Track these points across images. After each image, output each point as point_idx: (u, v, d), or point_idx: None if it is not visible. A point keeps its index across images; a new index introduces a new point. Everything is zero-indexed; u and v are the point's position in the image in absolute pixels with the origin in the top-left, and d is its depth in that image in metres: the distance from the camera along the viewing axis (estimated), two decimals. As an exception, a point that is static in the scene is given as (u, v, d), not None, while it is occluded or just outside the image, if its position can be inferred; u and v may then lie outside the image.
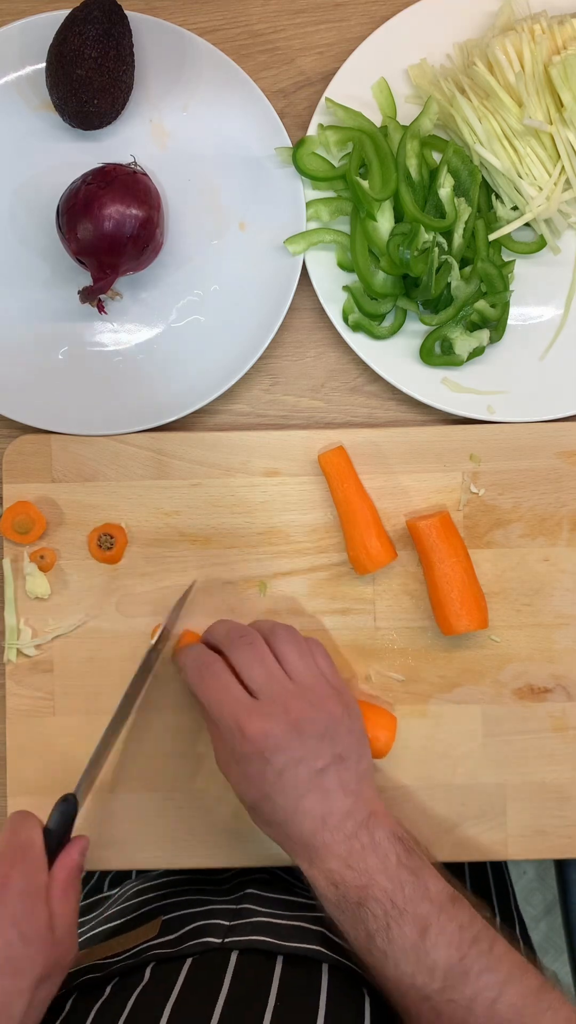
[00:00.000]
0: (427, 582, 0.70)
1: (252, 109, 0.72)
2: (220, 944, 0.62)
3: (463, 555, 0.70)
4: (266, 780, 0.58)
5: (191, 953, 0.62)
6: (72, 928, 0.59)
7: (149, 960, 0.62)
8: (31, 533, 0.71)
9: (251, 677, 0.61)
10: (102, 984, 0.62)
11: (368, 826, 0.58)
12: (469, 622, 0.69)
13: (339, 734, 0.60)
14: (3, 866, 0.57)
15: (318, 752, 0.59)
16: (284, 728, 0.58)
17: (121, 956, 0.64)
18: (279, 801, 0.58)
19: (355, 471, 0.71)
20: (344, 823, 0.58)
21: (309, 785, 0.58)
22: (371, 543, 0.69)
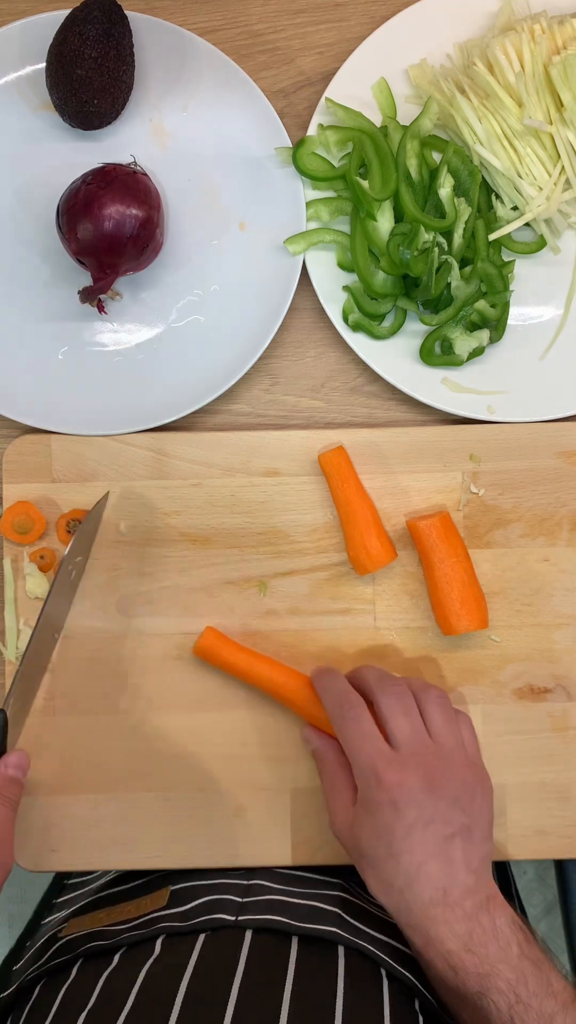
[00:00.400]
0: (427, 582, 0.70)
1: (252, 109, 0.72)
2: (234, 922, 0.61)
3: (463, 555, 0.70)
4: (394, 836, 0.57)
5: (203, 929, 0.61)
6: (5, 837, 0.60)
7: (159, 932, 0.61)
8: (31, 533, 0.71)
9: (396, 726, 0.60)
10: (110, 952, 0.61)
11: (488, 909, 0.57)
12: (469, 622, 0.69)
13: (471, 805, 0.59)
14: None
15: (449, 817, 0.58)
16: (420, 784, 0.58)
17: (128, 924, 0.63)
18: (403, 860, 0.57)
19: (355, 471, 0.71)
20: (464, 900, 0.56)
21: (435, 850, 0.57)
22: (371, 543, 0.69)
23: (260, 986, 0.55)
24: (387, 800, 0.57)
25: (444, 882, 0.57)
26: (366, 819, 0.58)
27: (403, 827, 0.57)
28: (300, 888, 0.67)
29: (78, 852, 0.71)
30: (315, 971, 0.57)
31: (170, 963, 0.58)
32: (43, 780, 0.71)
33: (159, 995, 0.55)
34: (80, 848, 0.71)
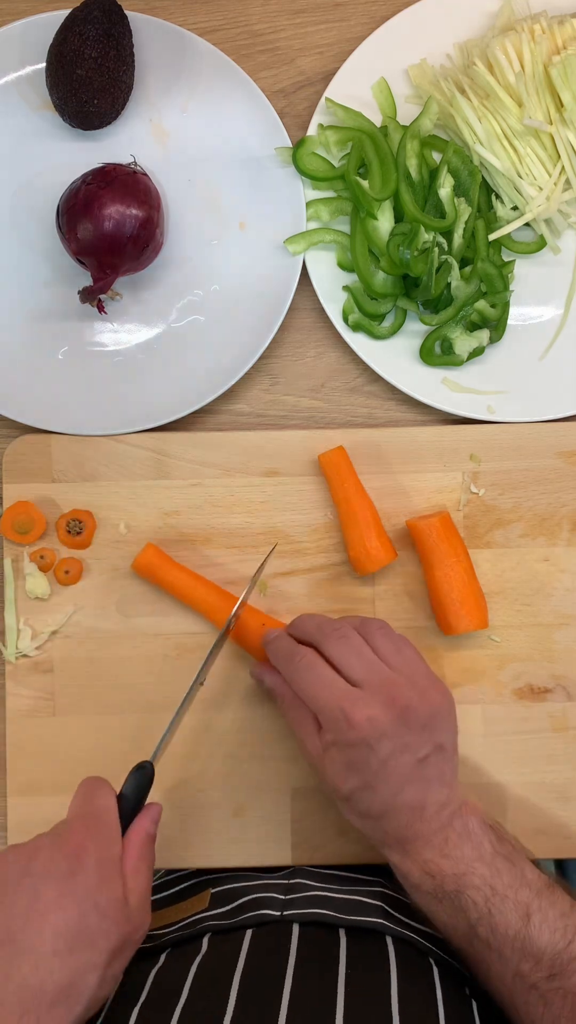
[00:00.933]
0: (427, 582, 0.70)
1: (252, 109, 0.72)
2: (279, 916, 0.61)
3: (463, 555, 0.70)
4: (369, 768, 0.57)
5: (249, 924, 0.61)
6: (145, 901, 0.56)
7: (205, 931, 0.61)
8: (31, 533, 0.71)
9: (350, 666, 0.60)
10: (155, 953, 0.61)
11: (462, 815, 0.58)
12: (469, 622, 0.69)
13: (440, 723, 0.60)
14: (78, 835, 0.55)
15: (421, 741, 0.58)
16: (391, 716, 0.57)
17: (172, 927, 0.63)
18: (380, 791, 0.57)
19: (355, 471, 0.71)
20: (440, 813, 0.58)
21: (411, 775, 0.58)
22: (371, 543, 0.69)
23: (314, 977, 0.55)
24: (359, 738, 0.57)
25: (420, 801, 0.58)
26: (338, 756, 0.58)
27: (378, 760, 0.57)
28: (341, 885, 0.67)
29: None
30: (367, 960, 0.57)
31: (220, 957, 0.58)
32: (43, 780, 0.71)
33: (213, 988, 0.55)
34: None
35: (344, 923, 0.61)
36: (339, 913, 0.62)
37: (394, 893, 0.66)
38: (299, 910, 0.62)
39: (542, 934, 0.54)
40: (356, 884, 0.67)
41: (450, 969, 0.59)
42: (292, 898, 0.64)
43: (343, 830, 0.70)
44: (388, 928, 0.60)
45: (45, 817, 0.70)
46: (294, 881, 0.67)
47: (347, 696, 0.58)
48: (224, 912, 0.63)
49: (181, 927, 0.63)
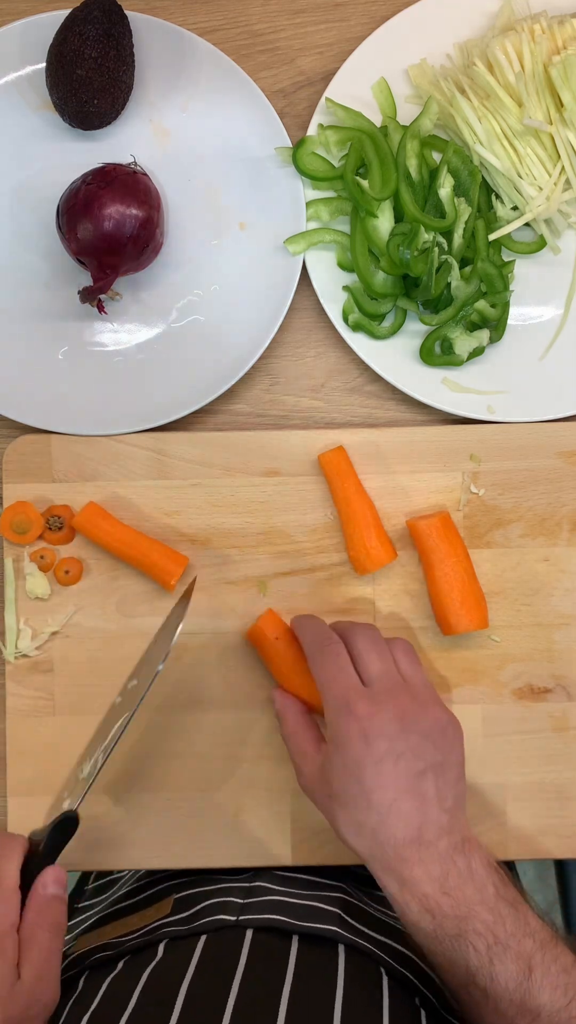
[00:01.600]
0: (427, 582, 0.70)
1: (252, 109, 0.72)
2: (235, 922, 0.61)
3: (463, 555, 0.70)
4: (365, 770, 0.56)
5: (205, 930, 0.60)
6: (47, 971, 0.53)
7: (162, 938, 0.61)
8: (29, 533, 0.71)
9: (369, 662, 0.60)
10: (114, 961, 0.61)
11: (464, 851, 0.55)
12: (469, 622, 0.69)
13: (442, 741, 0.59)
14: None
15: (420, 752, 0.57)
16: (391, 716, 0.57)
17: (133, 935, 0.63)
18: (375, 797, 0.56)
19: (355, 471, 0.71)
20: (439, 840, 0.55)
21: (407, 786, 0.56)
22: (371, 543, 0.69)
23: (259, 984, 0.54)
24: (358, 732, 0.57)
25: (418, 820, 0.55)
26: (336, 755, 0.58)
27: (373, 760, 0.56)
28: (301, 890, 0.66)
29: (77, 853, 0.70)
30: (314, 968, 0.57)
31: (171, 964, 0.58)
32: (42, 780, 0.71)
33: (160, 995, 0.54)
34: (79, 849, 0.70)
35: (298, 929, 0.60)
36: (294, 920, 0.61)
37: (355, 901, 0.66)
38: (255, 915, 0.62)
39: (543, 990, 0.52)
40: (317, 889, 0.66)
41: (402, 980, 0.59)
42: (250, 902, 0.64)
43: (343, 830, 0.70)
44: (341, 936, 0.60)
45: (45, 817, 0.70)
46: (255, 884, 0.67)
47: (356, 689, 0.59)
48: (182, 918, 0.63)
49: (141, 934, 0.63)
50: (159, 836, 0.71)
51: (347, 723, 0.57)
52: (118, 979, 0.58)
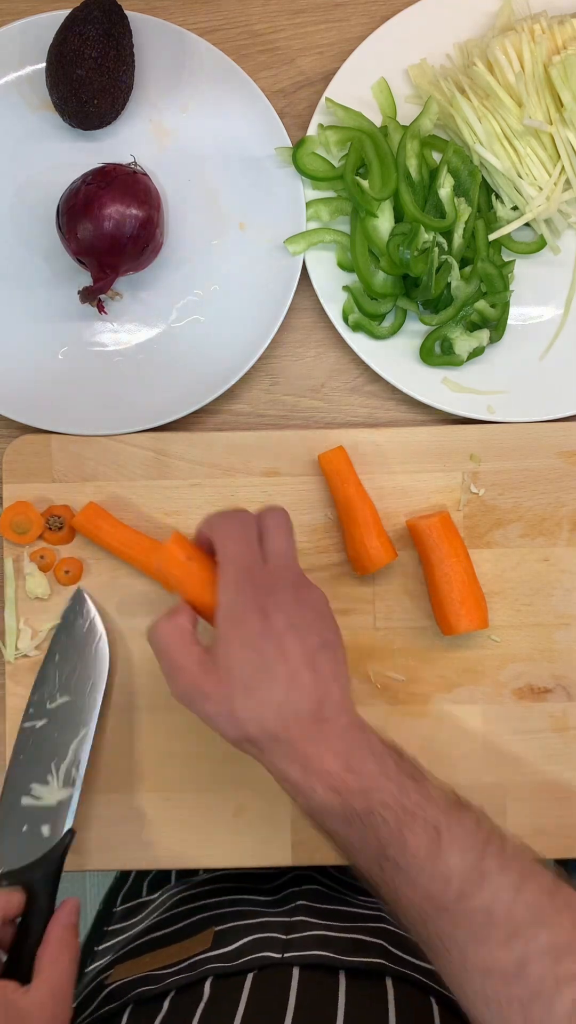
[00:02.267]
0: (427, 582, 0.70)
1: (252, 109, 0.72)
2: (280, 959, 0.61)
3: (463, 555, 0.70)
4: (267, 643, 0.55)
5: (250, 968, 0.61)
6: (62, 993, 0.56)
7: (207, 974, 0.61)
8: (29, 533, 0.71)
9: (274, 538, 0.59)
10: (159, 998, 0.61)
11: (361, 727, 0.56)
12: (469, 622, 0.68)
13: (330, 620, 0.58)
14: None
15: (315, 627, 0.56)
16: (288, 592, 0.56)
17: (175, 968, 0.63)
18: (278, 670, 0.54)
19: (355, 471, 0.70)
20: (339, 718, 0.55)
21: (305, 660, 0.55)
22: (371, 543, 0.69)
23: (312, 1021, 0.55)
24: (256, 606, 0.55)
25: (318, 695, 0.55)
26: (233, 632, 0.55)
27: (274, 633, 0.55)
28: (342, 922, 0.67)
29: (77, 853, 0.70)
30: (364, 1003, 0.57)
31: (221, 1006, 0.58)
32: (43, 780, 0.71)
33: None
34: (79, 849, 0.70)
35: (344, 965, 0.60)
36: (339, 955, 0.61)
37: (395, 929, 0.66)
38: (300, 952, 0.62)
39: (452, 853, 0.51)
40: (358, 920, 0.67)
41: (452, 1006, 0.58)
42: (292, 938, 0.64)
43: (343, 830, 0.70)
44: (388, 968, 0.60)
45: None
46: (296, 919, 0.67)
47: (257, 562, 0.57)
48: (226, 954, 0.63)
49: (183, 968, 0.63)
50: (159, 836, 0.71)
51: (245, 596, 0.56)
52: (167, 1020, 0.58)
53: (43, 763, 0.66)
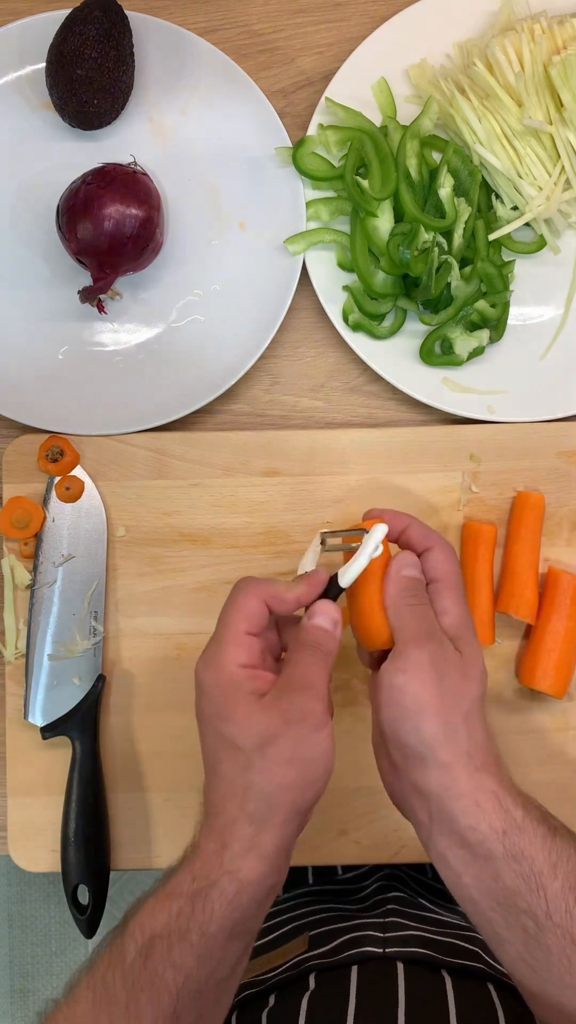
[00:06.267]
0: (532, 629, 0.69)
1: (252, 109, 0.72)
2: (382, 953, 0.61)
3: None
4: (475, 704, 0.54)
5: (353, 962, 0.61)
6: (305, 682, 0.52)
7: (309, 971, 0.61)
8: (30, 527, 0.70)
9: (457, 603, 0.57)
10: (262, 996, 0.61)
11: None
12: (550, 685, 0.68)
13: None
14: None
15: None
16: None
17: (275, 970, 0.63)
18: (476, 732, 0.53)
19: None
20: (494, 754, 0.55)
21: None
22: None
23: (425, 1013, 0.55)
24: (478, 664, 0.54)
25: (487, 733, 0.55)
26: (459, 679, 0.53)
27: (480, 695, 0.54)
28: (435, 927, 0.67)
29: (78, 852, 0.71)
30: (474, 1003, 0.57)
31: (331, 993, 0.58)
32: (43, 779, 0.70)
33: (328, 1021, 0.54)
34: (80, 848, 0.71)
35: (446, 964, 0.61)
36: (440, 955, 0.62)
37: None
38: (400, 948, 0.62)
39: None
40: (448, 927, 0.67)
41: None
42: (390, 936, 0.64)
43: (344, 830, 0.70)
44: (487, 973, 0.61)
45: (45, 817, 0.70)
46: (389, 920, 0.67)
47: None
48: (325, 951, 0.63)
49: (284, 969, 0.63)
50: (159, 836, 0.71)
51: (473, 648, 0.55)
52: (276, 1011, 0.58)
53: (61, 621, 0.70)
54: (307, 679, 0.52)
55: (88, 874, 0.67)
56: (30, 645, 0.70)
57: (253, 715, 0.50)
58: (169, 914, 0.49)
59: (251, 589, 0.55)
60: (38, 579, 0.70)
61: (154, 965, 0.48)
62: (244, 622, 0.54)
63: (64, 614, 0.70)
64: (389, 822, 0.69)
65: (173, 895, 0.50)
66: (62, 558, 0.70)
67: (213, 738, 0.52)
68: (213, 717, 0.52)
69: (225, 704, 0.51)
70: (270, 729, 0.50)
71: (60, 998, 0.50)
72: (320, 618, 0.55)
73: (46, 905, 1.50)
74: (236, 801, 0.50)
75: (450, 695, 0.52)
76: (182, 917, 0.49)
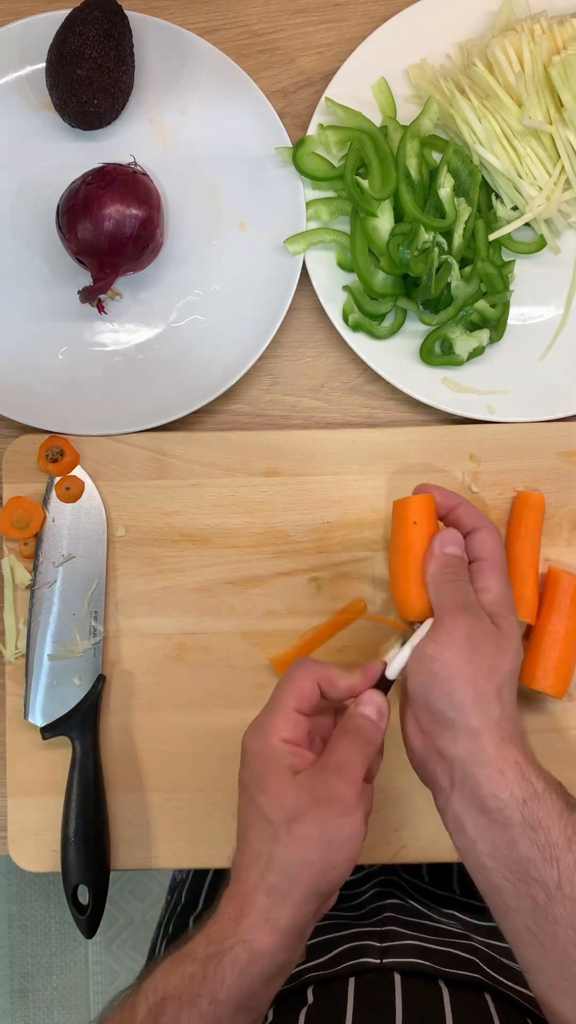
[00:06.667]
0: (533, 629, 0.69)
1: (252, 109, 0.72)
2: (379, 964, 0.62)
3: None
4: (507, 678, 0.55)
5: (351, 973, 0.61)
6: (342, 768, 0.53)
7: (307, 983, 0.61)
8: (30, 527, 0.71)
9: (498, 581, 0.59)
10: None
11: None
12: (550, 685, 0.67)
13: None
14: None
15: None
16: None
17: None
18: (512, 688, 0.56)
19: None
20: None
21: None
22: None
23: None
24: (514, 640, 0.56)
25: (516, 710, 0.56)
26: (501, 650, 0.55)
27: (513, 670, 0.55)
28: (432, 935, 0.67)
29: (78, 852, 0.71)
30: (471, 1014, 0.58)
31: (328, 1007, 0.58)
32: (43, 779, 0.71)
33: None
34: (80, 848, 0.71)
35: (444, 975, 0.61)
36: (437, 965, 0.62)
37: (485, 948, 0.67)
38: (397, 959, 0.63)
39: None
40: (446, 935, 0.67)
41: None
42: (387, 946, 0.65)
43: (343, 830, 0.70)
44: (485, 984, 0.61)
45: (45, 817, 0.70)
46: (387, 929, 0.67)
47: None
48: (323, 962, 0.64)
49: None
50: (159, 836, 0.71)
51: (509, 622, 0.57)
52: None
53: (61, 621, 0.70)
54: (343, 763, 0.53)
55: (88, 874, 0.67)
56: (30, 645, 0.70)
57: (286, 790, 0.52)
58: (182, 977, 0.50)
59: (307, 670, 0.56)
60: (38, 579, 0.70)
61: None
62: (295, 699, 0.55)
63: (64, 614, 0.70)
64: (389, 822, 0.69)
65: (187, 958, 0.51)
66: (62, 558, 0.70)
67: (247, 805, 0.54)
68: (250, 785, 0.54)
69: (263, 774, 0.53)
70: (299, 806, 0.51)
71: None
72: (366, 708, 0.56)
73: (46, 905, 1.50)
74: (258, 871, 0.51)
75: (484, 665, 0.54)
76: (194, 981, 0.49)
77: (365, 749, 0.55)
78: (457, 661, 0.54)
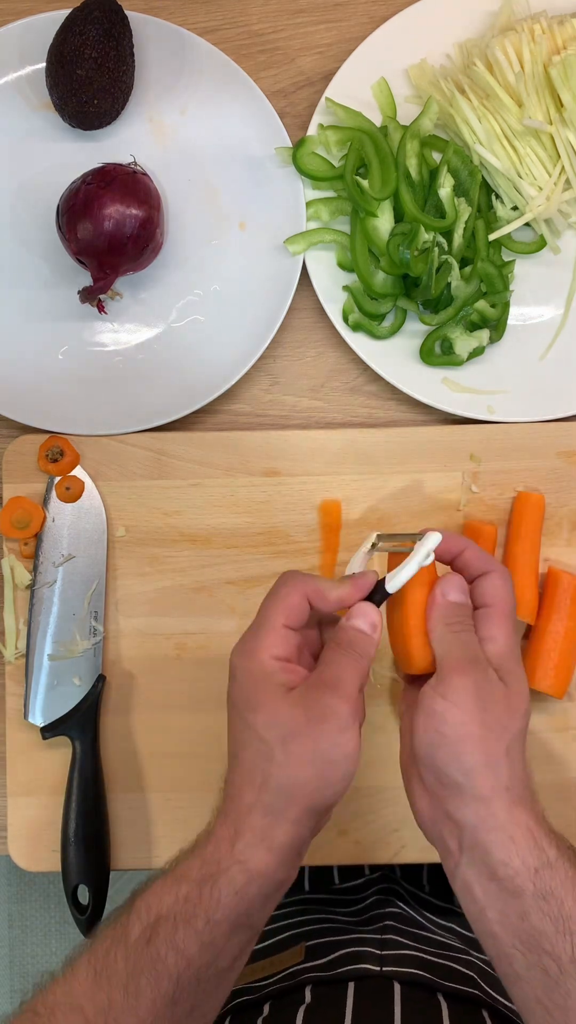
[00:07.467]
0: (532, 630, 0.69)
1: (252, 109, 0.72)
2: (379, 972, 0.61)
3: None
4: (516, 737, 0.52)
5: (350, 978, 0.60)
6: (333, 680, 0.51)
7: (306, 982, 0.61)
8: (30, 527, 0.71)
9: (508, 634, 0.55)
10: (258, 1004, 0.60)
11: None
12: (549, 685, 0.67)
13: None
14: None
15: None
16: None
17: (271, 979, 0.63)
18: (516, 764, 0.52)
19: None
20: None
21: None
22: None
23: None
24: (524, 698, 0.52)
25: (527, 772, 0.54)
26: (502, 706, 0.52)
27: (522, 729, 0.52)
28: (432, 947, 0.67)
29: (78, 852, 0.71)
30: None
31: (327, 1008, 0.57)
32: (43, 779, 0.71)
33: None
34: (80, 848, 0.71)
35: (442, 988, 0.60)
36: (436, 977, 0.62)
37: (483, 963, 0.67)
38: (397, 967, 0.62)
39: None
40: (445, 948, 0.67)
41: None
42: (387, 954, 0.64)
43: (343, 830, 0.70)
44: (483, 1000, 0.60)
45: (45, 816, 0.70)
46: (387, 937, 0.67)
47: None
48: (322, 964, 0.63)
49: (280, 978, 0.63)
50: (159, 836, 0.71)
51: (519, 682, 0.53)
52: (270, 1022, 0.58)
53: (61, 621, 0.70)
54: (337, 679, 0.51)
55: (88, 874, 0.67)
56: (30, 645, 0.70)
57: (279, 707, 0.50)
58: (176, 897, 0.49)
59: (295, 583, 0.54)
60: (38, 579, 0.70)
61: (157, 947, 0.48)
62: (283, 614, 0.53)
63: (64, 614, 0.70)
64: (389, 822, 0.69)
65: (182, 879, 0.50)
66: (62, 558, 0.70)
67: (239, 724, 0.52)
68: (241, 704, 0.52)
69: (254, 693, 0.51)
70: (293, 724, 0.49)
71: (58, 973, 0.50)
72: (359, 620, 0.54)
73: (46, 905, 1.50)
74: (253, 790, 0.50)
75: (493, 727, 0.51)
76: (189, 902, 0.49)
77: (358, 663, 0.52)
78: (467, 722, 0.50)
